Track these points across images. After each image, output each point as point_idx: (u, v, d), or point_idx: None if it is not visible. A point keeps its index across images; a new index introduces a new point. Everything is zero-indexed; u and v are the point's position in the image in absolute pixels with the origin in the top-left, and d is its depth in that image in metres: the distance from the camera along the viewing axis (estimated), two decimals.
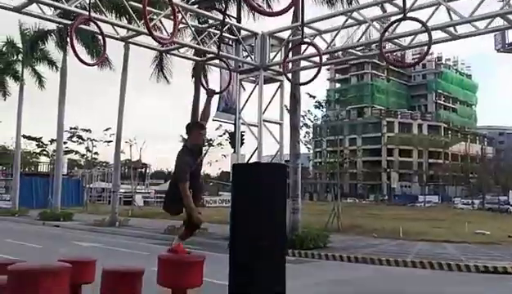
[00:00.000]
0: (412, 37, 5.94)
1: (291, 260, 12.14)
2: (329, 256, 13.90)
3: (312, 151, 79.41)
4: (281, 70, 6.50)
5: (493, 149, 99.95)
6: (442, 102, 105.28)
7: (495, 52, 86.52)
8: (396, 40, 6.01)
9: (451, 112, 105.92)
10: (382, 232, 20.18)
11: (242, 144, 12.88)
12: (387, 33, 5.21)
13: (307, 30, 6.28)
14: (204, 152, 5.75)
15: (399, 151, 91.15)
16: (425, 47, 5.07)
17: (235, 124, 9.40)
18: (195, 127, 5.59)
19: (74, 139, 41.63)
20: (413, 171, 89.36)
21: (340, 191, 47.52)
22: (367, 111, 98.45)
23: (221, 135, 34.46)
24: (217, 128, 32.67)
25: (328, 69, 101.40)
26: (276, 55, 6.64)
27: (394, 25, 5.25)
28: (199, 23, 11.23)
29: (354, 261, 13.37)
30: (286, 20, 14.32)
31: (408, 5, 4.91)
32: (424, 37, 5.31)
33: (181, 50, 7.59)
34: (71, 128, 40.12)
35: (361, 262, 13.26)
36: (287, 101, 15.59)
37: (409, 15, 4.75)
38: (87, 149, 44.64)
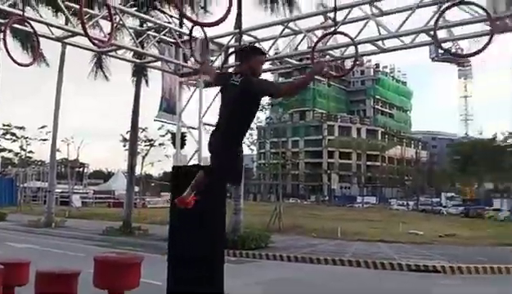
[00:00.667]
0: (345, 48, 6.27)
1: (232, 261, 12.29)
2: (270, 256, 14.17)
3: (255, 152, 79.99)
4: None
5: (427, 152, 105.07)
6: (379, 107, 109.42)
7: (429, 61, 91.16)
8: (329, 51, 6.32)
9: (387, 117, 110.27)
10: (321, 232, 20.77)
11: (184, 144, 12.85)
12: (321, 44, 5.49)
13: (246, 37, 6.47)
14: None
15: (339, 153, 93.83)
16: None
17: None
18: (257, 53, 4.17)
19: (8, 136, 39.84)
20: (352, 172, 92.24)
21: (283, 192, 48.28)
22: (309, 114, 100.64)
23: (163, 136, 34.07)
24: (160, 128, 32.32)
25: (272, 73, 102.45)
26: (216, 60, 6.76)
27: (327, 37, 5.53)
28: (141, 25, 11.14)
29: (294, 261, 13.71)
30: (228, 24, 14.45)
31: (341, 18, 5.20)
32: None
33: (122, 50, 7.54)
34: (4, 125, 38.38)
35: (301, 261, 13.62)
36: None
37: (340, 29, 5.04)
38: (21, 148, 42.83)
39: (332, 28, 5.19)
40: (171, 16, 11.37)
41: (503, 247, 17.31)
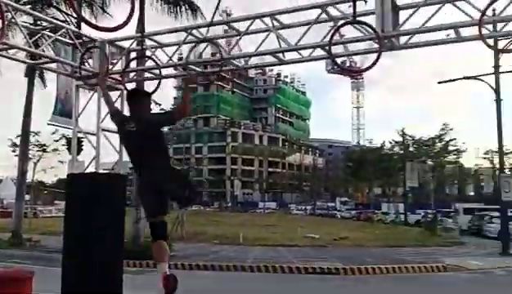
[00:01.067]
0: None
1: (132, 271, 11.89)
2: (171, 265, 13.89)
3: None
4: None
5: (323, 160, 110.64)
6: (280, 116, 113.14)
7: (325, 72, 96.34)
8: (232, 60, 6.43)
9: (288, 125, 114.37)
10: (224, 238, 20.90)
11: (81, 150, 12.23)
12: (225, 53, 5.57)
13: (149, 42, 6.35)
14: None
15: (242, 160, 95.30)
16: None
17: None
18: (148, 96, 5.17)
19: None
20: (254, 179, 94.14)
21: None
22: (213, 121, 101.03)
23: (57, 140, 32.05)
24: (54, 132, 30.37)
25: (175, 77, 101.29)
26: (116, 64, 6.55)
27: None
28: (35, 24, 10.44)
29: (196, 269, 13.62)
30: (130, 26, 14.03)
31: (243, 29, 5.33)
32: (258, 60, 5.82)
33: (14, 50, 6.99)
34: None
35: (203, 269, 13.57)
36: None
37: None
38: None
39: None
40: (68, 15, 10.80)
41: (389, 249, 18.78)
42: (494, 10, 5.86)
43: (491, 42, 6.35)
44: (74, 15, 14.47)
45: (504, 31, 5.80)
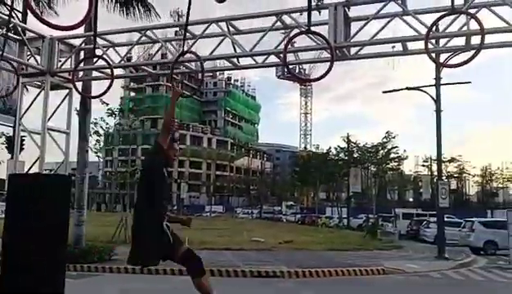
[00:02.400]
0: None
1: (73, 275, 11.53)
2: (113, 269, 13.57)
3: (102, 160, 76.18)
4: (70, 78, 6.23)
5: (271, 164, 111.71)
6: (229, 119, 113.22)
7: (276, 78, 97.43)
8: (187, 63, 6.41)
9: (237, 129, 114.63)
10: None
11: (22, 150, 11.73)
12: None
13: (101, 41, 6.20)
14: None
15: (189, 163, 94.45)
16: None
17: (13, 127, 8.54)
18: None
19: None
20: (202, 182, 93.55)
21: (130, 201, 46.55)
22: (161, 122, 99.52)
23: None
24: None
25: (125, 77, 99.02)
26: (65, 62, 6.34)
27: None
28: None
29: (139, 273, 13.33)
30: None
31: (200, 32, 5.34)
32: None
33: None
34: None
35: (146, 273, 13.32)
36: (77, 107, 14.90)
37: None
38: None
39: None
40: (13, 10, 10.30)
41: (332, 252, 19.23)
42: (438, 26, 6.21)
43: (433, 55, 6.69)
44: (20, 9, 13.86)
45: (447, 46, 6.13)
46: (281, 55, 5.66)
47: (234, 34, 5.99)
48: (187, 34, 5.50)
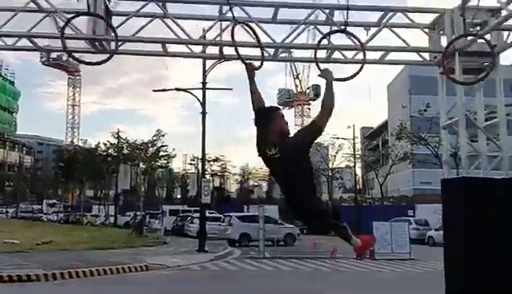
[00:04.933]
0: None
1: None
2: None
3: None
4: None
5: (31, 158, 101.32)
6: None
7: (39, 63, 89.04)
8: None
9: None
10: None
11: None
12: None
13: None
14: None
15: None
16: None
17: None
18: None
19: None
20: None
21: None
22: None
23: None
24: None
25: None
26: None
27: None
28: None
29: None
30: None
31: None
32: None
33: None
34: None
35: None
36: None
37: None
38: None
39: None
40: None
41: (96, 251, 18.73)
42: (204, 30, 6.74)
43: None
44: None
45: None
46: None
47: None
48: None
